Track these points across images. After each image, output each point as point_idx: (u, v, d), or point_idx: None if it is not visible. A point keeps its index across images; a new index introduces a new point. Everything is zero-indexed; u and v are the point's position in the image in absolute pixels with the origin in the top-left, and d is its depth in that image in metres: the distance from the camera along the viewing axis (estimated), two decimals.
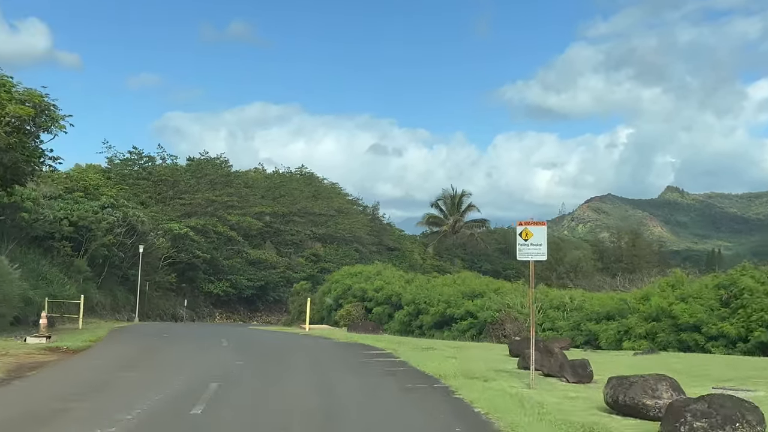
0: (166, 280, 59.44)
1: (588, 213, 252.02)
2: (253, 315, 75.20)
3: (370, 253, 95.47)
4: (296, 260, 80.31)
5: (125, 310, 52.75)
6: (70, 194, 47.61)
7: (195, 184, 70.62)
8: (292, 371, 14.70)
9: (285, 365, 15.78)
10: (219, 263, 68.54)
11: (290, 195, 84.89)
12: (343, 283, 40.74)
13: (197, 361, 16.13)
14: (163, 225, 60.69)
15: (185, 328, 39.60)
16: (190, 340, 23.17)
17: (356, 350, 19.47)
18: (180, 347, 20.21)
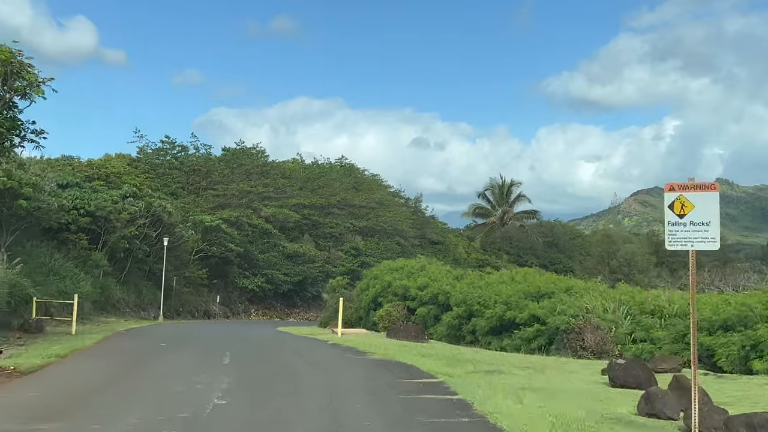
0: (197, 275, 54.85)
1: (634, 206, 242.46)
2: (290, 311, 70.41)
3: (412, 246, 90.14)
4: (335, 254, 75.32)
5: (152, 307, 48.27)
6: (89, 183, 43.17)
7: (229, 175, 66.00)
8: (294, 420, 9.35)
9: (287, 404, 10.44)
10: (254, 257, 63.84)
11: (329, 186, 79.88)
12: (382, 279, 35.39)
13: (171, 393, 10.92)
14: (193, 217, 56.12)
15: (207, 328, 34.82)
16: (188, 353, 18.04)
17: (394, 375, 14.03)
18: (166, 367, 15.05)
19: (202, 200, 61.84)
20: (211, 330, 32.83)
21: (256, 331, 31.87)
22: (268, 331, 31.98)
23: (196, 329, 33.48)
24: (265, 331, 31.97)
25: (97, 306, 40.56)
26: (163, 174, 60.94)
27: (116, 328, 30.76)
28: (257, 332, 31.09)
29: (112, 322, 38.17)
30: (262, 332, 30.87)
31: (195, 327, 36.41)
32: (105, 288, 40.57)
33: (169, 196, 55.49)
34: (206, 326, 38.44)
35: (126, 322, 39.27)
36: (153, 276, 49.68)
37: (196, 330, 32.12)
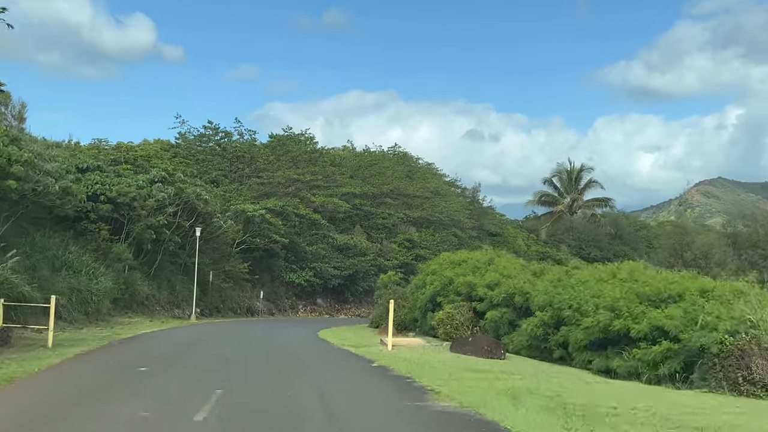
0: (238, 269, 49.34)
1: (697, 197, 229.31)
2: (341, 307, 64.56)
3: (470, 238, 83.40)
4: (388, 246, 69.12)
5: (187, 304, 42.87)
6: (115, 166, 37.89)
7: (275, 162, 60.38)
8: None
9: None
10: (301, 249, 58.10)
11: (382, 174, 73.64)
12: (441, 275, 28.99)
13: None
14: (234, 206, 50.61)
15: (236, 330, 29.06)
16: (168, 384, 12.00)
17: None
18: (109, 418, 8.96)
19: (245, 189, 56.39)
20: (238, 334, 27.01)
21: (290, 336, 25.93)
22: (304, 337, 25.98)
23: (221, 332, 27.70)
24: (300, 337, 25.98)
25: (121, 305, 35.26)
26: (203, 161, 55.65)
27: (126, 334, 25.14)
28: (290, 338, 25.12)
29: (133, 323, 32.77)
30: (295, 338, 24.88)
31: (224, 329, 30.69)
32: (129, 284, 35.23)
33: (209, 184, 50.10)
34: (238, 327, 32.73)
35: (150, 322, 33.84)
36: (189, 270, 44.30)
37: (220, 334, 26.33)
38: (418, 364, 16.08)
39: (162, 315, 39.08)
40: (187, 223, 40.60)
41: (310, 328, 34.85)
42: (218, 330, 30.04)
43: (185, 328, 30.99)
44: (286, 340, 23.95)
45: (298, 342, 23.16)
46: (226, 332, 28.11)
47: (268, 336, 26.31)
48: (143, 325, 31.90)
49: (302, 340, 24.24)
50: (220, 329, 30.83)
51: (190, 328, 31.67)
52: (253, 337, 25.62)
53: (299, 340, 24.06)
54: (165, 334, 25.91)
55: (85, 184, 34.66)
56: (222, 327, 33.10)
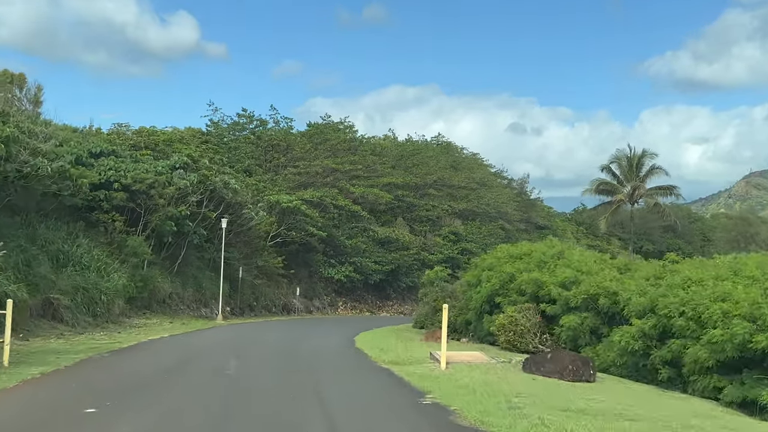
0: (272, 264, 45.01)
1: (747, 189, 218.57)
2: (383, 304, 59.89)
3: (517, 231, 77.96)
4: (432, 240, 64.24)
5: (215, 302, 38.69)
6: (135, 152, 33.78)
7: (312, 151, 55.94)
8: None
9: None
10: (340, 243, 53.61)
11: (425, 164, 68.75)
12: (500, 270, 23.97)
13: None
14: (267, 196, 46.29)
15: (263, 334, 24.48)
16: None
17: None
18: None
19: (280, 179, 52.11)
20: (260, 340, 22.46)
21: (320, 344, 21.25)
22: (337, 346, 21.26)
23: (242, 338, 23.15)
24: (333, 346, 21.27)
25: (138, 304, 31.14)
26: (235, 149, 51.46)
27: (128, 341, 20.78)
28: (320, 346, 20.44)
29: (149, 325, 28.55)
30: (326, 348, 20.18)
31: (247, 333, 26.16)
32: (147, 281, 31.07)
33: (241, 174, 45.85)
34: (265, 331, 28.22)
35: (170, 324, 29.60)
36: (218, 266, 40.10)
37: (238, 341, 21.78)
38: (487, 396, 11.20)
39: (186, 315, 34.91)
40: (213, 214, 36.34)
41: (347, 331, 30.19)
42: (240, 334, 25.55)
43: (204, 332, 26.58)
44: (315, 351, 19.33)
45: (328, 353, 18.46)
46: (247, 338, 23.57)
47: (294, 344, 21.69)
48: (159, 328, 27.62)
49: (334, 351, 19.54)
50: (242, 333, 26.35)
51: (210, 331, 27.27)
52: (275, 345, 21.03)
53: (330, 351, 19.36)
54: (175, 341, 21.49)
55: (97, 170, 30.60)
56: (247, 330, 28.64)
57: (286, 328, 31.00)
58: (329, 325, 36.90)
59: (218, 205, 37.19)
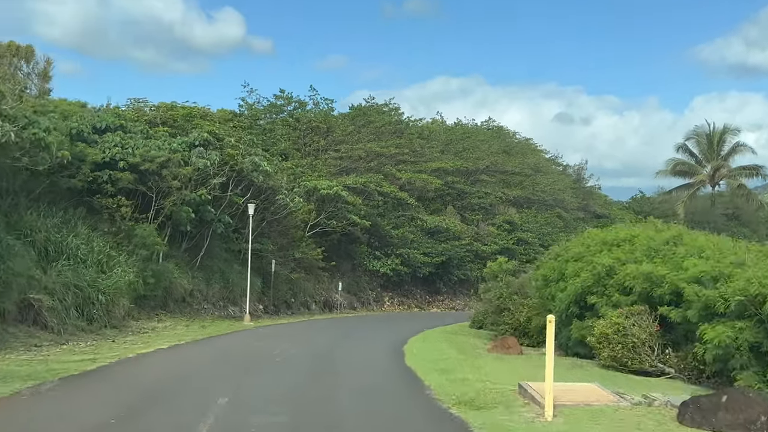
0: (311, 257, 39.57)
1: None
2: (432, 299, 54.03)
3: (575, 220, 71.10)
4: (485, 229, 58.01)
5: (245, 300, 33.41)
6: (148, 128, 28.61)
7: (355, 133, 50.33)
8: None
9: None
10: (386, 233, 47.94)
11: (476, 149, 62.47)
12: (592, 261, 17.91)
13: None
14: (304, 182, 40.86)
15: (286, 340, 18.93)
16: None
17: None
18: None
19: (320, 164, 46.67)
20: (284, 349, 16.91)
21: (360, 357, 15.62)
22: (381, 360, 15.57)
23: (264, 347, 17.60)
24: (375, 360, 15.60)
25: (150, 304, 26.01)
26: (270, 131, 46.14)
27: (104, 359, 15.44)
28: (359, 361, 14.80)
29: (158, 330, 23.34)
30: (366, 363, 14.51)
31: (274, 338, 20.61)
32: (161, 277, 25.87)
33: (277, 157, 40.47)
34: (296, 335, 22.66)
35: (185, 328, 24.36)
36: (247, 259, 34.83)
37: (252, 353, 16.25)
38: None
39: (210, 315, 29.70)
40: (240, 199, 31.03)
41: (394, 335, 24.48)
42: (258, 343, 20.02)
43: (218, 340, 21.15)
44: (350, 369, 13.74)
45: (367, 383, 12.73)
46: (266, 349, 17.99)
47: (324, 361, 16.04)
48: (168, 333, 22.36)
49: (377, 375, 13.81)
50: (263, 341, 20.82)
51: (226, 339, 21.85)
52: (297, 363, 15.40)
53: (371, 376, 13.64)
54: (169, 358, 16.09)
55: (101, 147, 25.49)
56: (271, 336, 23.13)
57: (321, 332, 25.40)
58: (373, 325, 31.23)
59: (246, 190, 31.88)
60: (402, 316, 43.30)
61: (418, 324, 34.03)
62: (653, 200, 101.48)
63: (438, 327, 32.73)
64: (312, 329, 27.19)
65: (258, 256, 35.27)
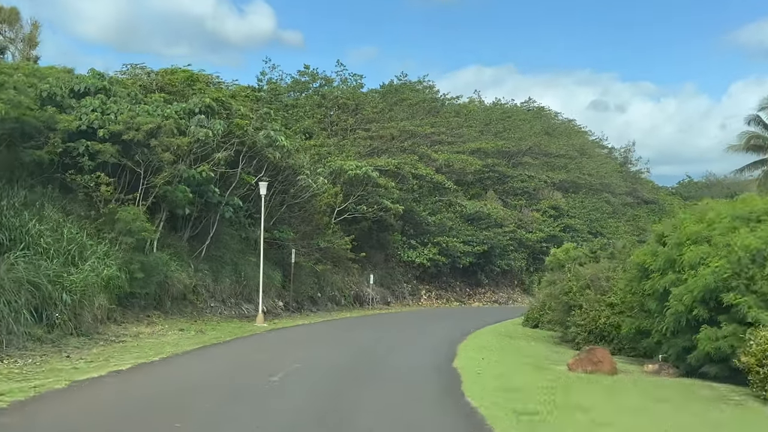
0: (338, 246, 34.18)
1: None
2: (473, 292, 48.31)
3: (623, 206, 64.81)
4: (529, 215, 52.07)
5: (264, 295, 28.18)
6: (140, 93, 23.38)
7: (386, 111, 44.76)
8: None
9: None
10: (422, 220, 42.38)
11: (517, 129, 56.50)
12: (724, 244, 12.21)
13: None
14: (330, 163, 35.48)
15: (300, 350, 13.73)
16: None
17: None
18: None
19: (348, 143, 41.21)
20: (287, 372, 11.57)
21: (397, 381, 10.22)
22: (432, 385, 10.15)
23: (255, 370, 12.28)
24: (423, 381, 10.18)
25: (141, 304, 20.85)
26: (293, 107, 40.73)
27: (27, 390, 10.21)
28: (396, 390, 9.43)
29: (142, 337, 18.20)
30: (407, 391, 9.13)
31: (278, 351, 15.27)
32: (151, 270, 20.65)
33: (300, 135, 35.10)
34: (313, 341, 17.31)
35: (178, 334, 19.18)
36: (267, 249, 29.63)
37: (243, 379, 10.94)
38: None
39: (218, 315, 24.50)
40: (252, 178, 25.72)
41: (437, 339, 18.98)
42: (269, 352, 14.65)
43: (218, 349, 15.85)
44: (378, 409, 8.32)
45: (404, 427, 7.28)
46: (274, 362, 12.60)
47: (346, 377, 10.60)
48: (152, 343, 17.17)
49: (421, 415, 8.31)
50: (273, 350, 15.45)
51: (229, 346, 16.55)
52: (308, 386, 9.95)
53: (413, 414, 8.13)
54: (125, 384, 10.79)
55: (77, 113, 20.37)
56: (286, 341, 17.80)
57: (344, 337, 19.92)
58: (411, 326, 25.69)
59: (260, 168, 26.59)
60: (442, 312, 37.73)
61: (462, 322, 28.43)
62: (700, 184, 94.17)
63: (487, 326, 27.18)
64: (334, 333, 21.71)
65: (277, 246, 30.06)
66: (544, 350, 18.15)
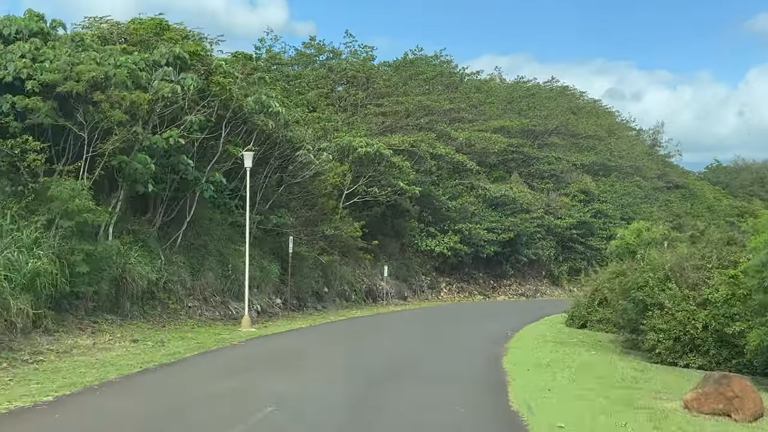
0: (347, 234, 29.02)
1: None
2: (497, 284, 43.01)
3: (654, 190, 59.11)
4: (557, 200, 46.68)
5: (258, 291, 23.20)
6: (103, 45, 18.25)
7: (400, 85, 39.43)
8: None
9: None
10: (441, 205, 37.17)
11: (542, 107, 50.99)
12: None
13: None
14: (336, 139, 30.32)
15: (280, 379, 9.12)
16: None
17: None
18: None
19: (358, 120, 35.94)
20: (265, 402, 6.66)
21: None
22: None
23: (221, 401, 7.41)
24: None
25: (89, 305, 15.81)
26: (296, 77, 35.43)
27: None
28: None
29: (72, 354, 13.37)
30: None
31: (265, 364, 10.31)
32: (99, 263, 15.61)
33: (302, 107, 29.81)
34: (305, 353, 12.33)
35: (132, 345, 14.42)
36: (261, 236, 24.54)
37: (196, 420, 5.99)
38: None
39: (197, 317, 19.46)
40: (238, 150, 20.58)
41: (470, 348, 13.85)
42: (239, 378, 9.52)
43: (165, 374, 10.77)
44: None
45: None
46: (240, 396, 7.53)
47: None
48: (82, 362, 12.29)
49: None
50: (247, 373, 10.30)
51: (186, 368, 11.48)
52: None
53: None
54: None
55: (1, 61, 15.34)
56: (269, 356, 12.69)
57: (350, 351, 14.71)
58: (434, 328, 20.49)
59: (249, 139, 21.49)
60: (467, 308, 32.53)
61: (494, 321, 23.24)
62: (729, 169, 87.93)
63: (524, 326, 21.98)
64: (337, 343, 16.53)
65: (275, 234, 24.98)
66: (622, 367, 12.90)
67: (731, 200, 71.18)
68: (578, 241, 45.82)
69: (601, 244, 47.06)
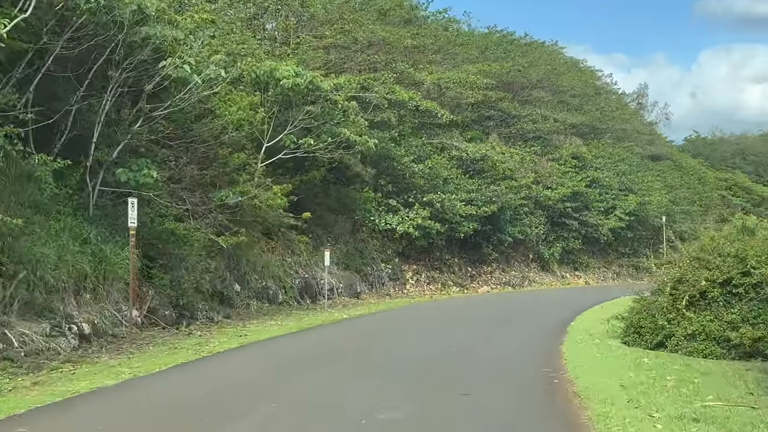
0: (267, 204, 18.58)
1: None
2: (477, 272, 33.00)
3: (643, 158, 50.12)
4: (544, 166, 37.07)
5: (92, 299, 12.53)
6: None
7: (348, 13, 28.91)
8: None
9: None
10: (403, 169, 27.05)
11: (522, 56, 41.22)
12: None
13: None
14: (252, 66, 19.79)
15: None
16: None
17: None
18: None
19: (289, 52, 25.41)
20: None
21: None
22: None
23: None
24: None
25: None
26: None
27: None
28: None
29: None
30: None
31: None
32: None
33: (208, 26, 19.07)
34: None
35: None
36: (105, 203, 14.01)
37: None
38: None
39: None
40: (24, 44, 9.89)
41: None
42: None
43: None
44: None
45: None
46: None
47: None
48: None
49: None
50: None
51: None
52: None
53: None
54: None
55: None
56: None
57: None
58: (390, 370, 10.09)
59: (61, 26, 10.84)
60: (445, 308, 22.46)
61: (504, 336, 13.19)
62: (708, 141, 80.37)
63: (559, 341, 12.03)
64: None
65: (124, 200, 14.36)
66: None
67: (714, 172, 63.31)
68: (572, 216, 36.31)
69: (599, 220, 37.67)
